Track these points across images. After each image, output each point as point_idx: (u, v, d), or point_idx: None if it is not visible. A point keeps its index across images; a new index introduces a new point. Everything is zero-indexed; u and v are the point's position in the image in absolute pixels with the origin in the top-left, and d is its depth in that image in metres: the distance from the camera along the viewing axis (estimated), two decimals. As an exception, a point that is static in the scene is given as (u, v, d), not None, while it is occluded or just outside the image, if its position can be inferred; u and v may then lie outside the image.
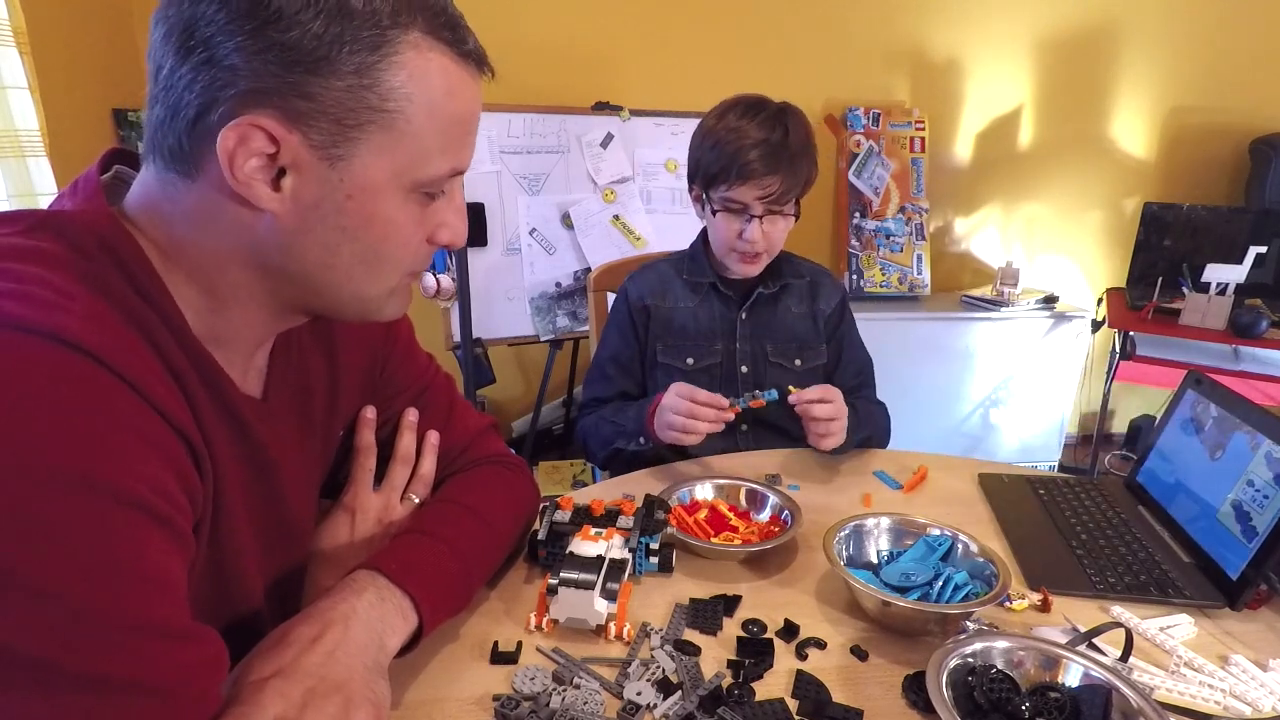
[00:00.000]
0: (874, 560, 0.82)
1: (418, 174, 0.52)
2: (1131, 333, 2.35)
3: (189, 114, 0.47)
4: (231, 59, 0.45)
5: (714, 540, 0.86)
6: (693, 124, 1.18)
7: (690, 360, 1.23)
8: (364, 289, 0.55)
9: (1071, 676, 0.62)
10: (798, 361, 1.24)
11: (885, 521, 0.84)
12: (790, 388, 1.05)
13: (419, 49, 0.49)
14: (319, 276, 0.53)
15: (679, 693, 0.63)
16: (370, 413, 0.75)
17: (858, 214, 2.61)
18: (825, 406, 1.03)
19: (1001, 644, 0.64)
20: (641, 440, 1.11)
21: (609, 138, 2.17)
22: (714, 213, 1.15)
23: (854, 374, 1.28)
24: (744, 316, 1.24)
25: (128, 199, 0.52)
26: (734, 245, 1.15)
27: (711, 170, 1.12)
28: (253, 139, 0.46)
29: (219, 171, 0.47)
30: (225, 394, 0.54)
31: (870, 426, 1.16)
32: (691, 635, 0.72)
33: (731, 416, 1.02)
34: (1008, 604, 0.77)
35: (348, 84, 0.47)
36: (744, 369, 1.25)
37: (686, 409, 1.01)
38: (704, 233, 1.25)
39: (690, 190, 1.22)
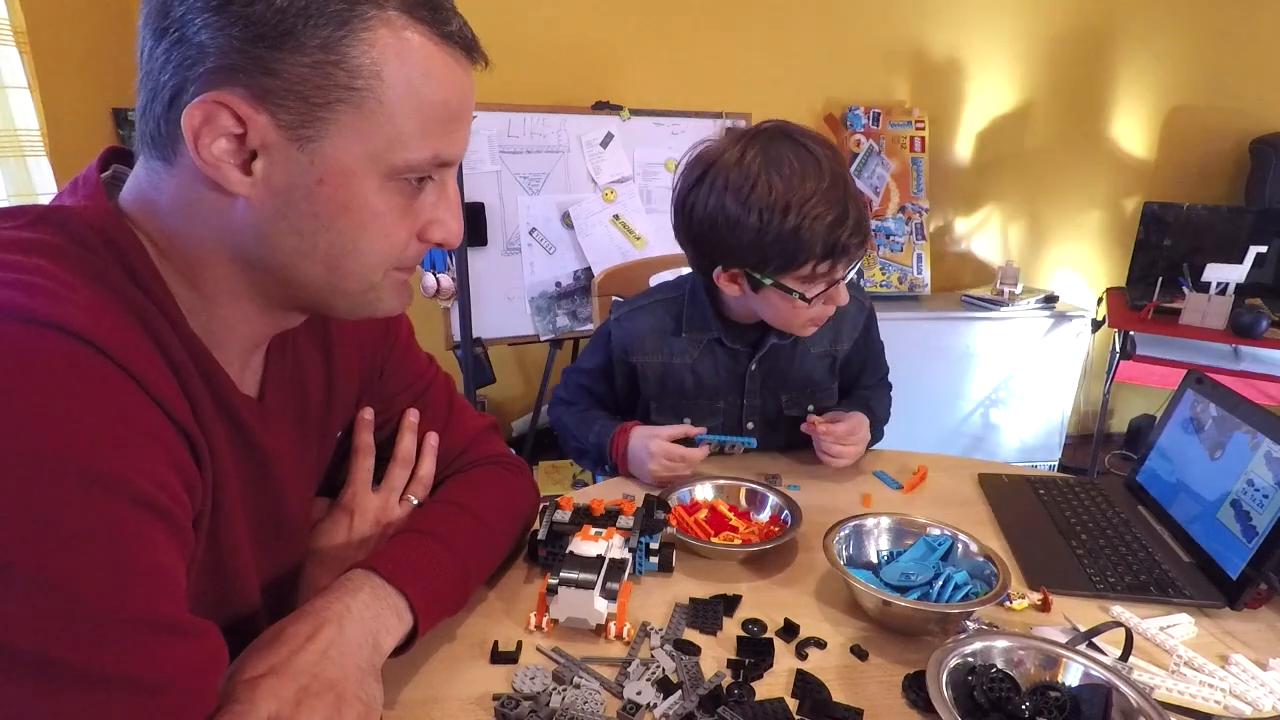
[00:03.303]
0: (874, 560, 0.82)
1: (394, 159, 0.50)
2: (1131, 332, 2.35)
3: (165, 96, 0.46)
4: (200, 36, 0.44)
5: (714, 540, 0.86)
6: (693, 123, 1.09)
7: (688, 420, 1.09)
8: (346, 282, 0.54)
9: (1071, 676, 0.62)
10: (810, 407, 1.13)
11: (885, 521, 0.84)
12: (811, 417, 1.04)
13: (393, 27, 0.47)
14: (298, 267, 0.52)
15: (679, 692, 0.63)
16: (368, 414, 0.75)
17: (858, 214, 2.61)
18: (844, 448, 1.03)
19: (1001, 644, 0.64)
20: (607, 469, 1.08)
21: (609, 137, 2.17)
22: (797, 295, 0.95)
23: (874, 371, 1.24)
24: (754, 368, 1.10)
25: (122, 194, 0.52)
26: (818, 316, 1.00)
27: (797, 258, 0.92)
28: (218, 117, 0.45)
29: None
30: (223, 391, 0.54)
31: (878, 430, 1.15)
32: (691, 635, 0.72)
33: (705, 455, 1.02)
34: (1008, 604, 0.77)
35: (314, 60, 0.46)
36: (750, 425, 1.13)
37: (668, 468, 1.00)
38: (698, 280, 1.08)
39: (717, 273, 0.98)
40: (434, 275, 1.99)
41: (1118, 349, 2.39)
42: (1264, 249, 2.22)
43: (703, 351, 1.09)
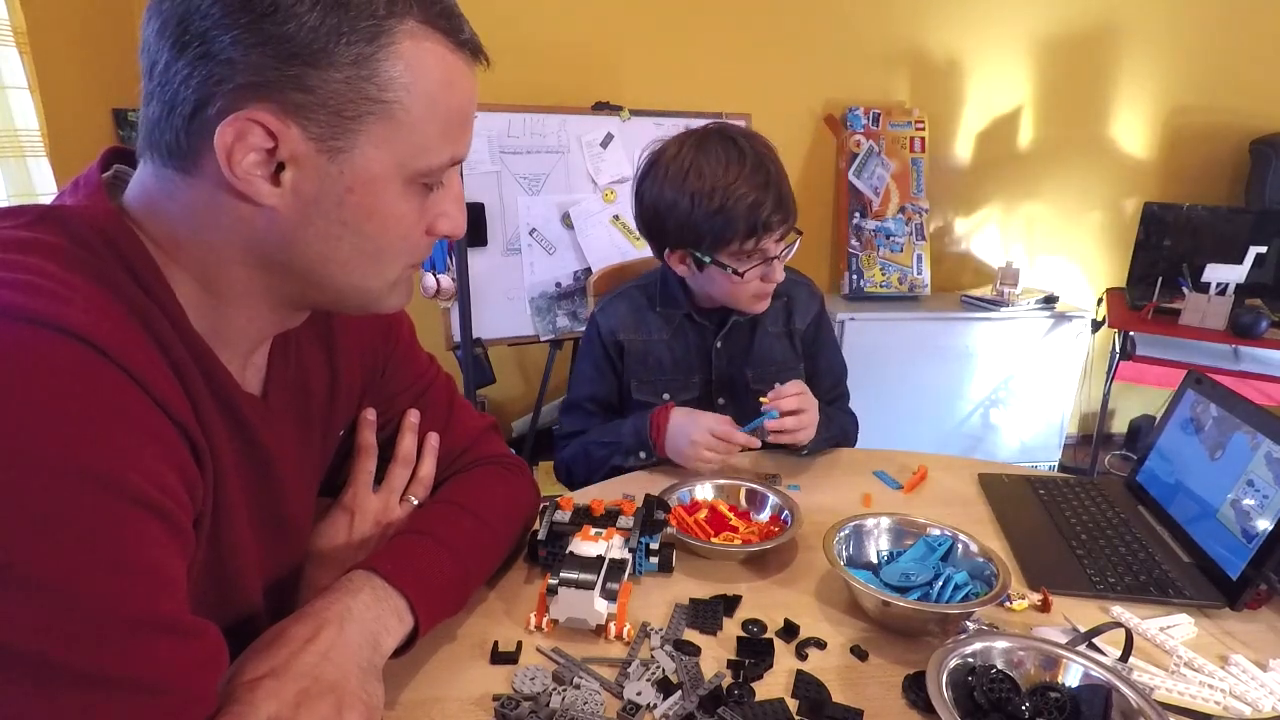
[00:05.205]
0: (874, 560, 0.82)
1: (418, 164, 0.52)
2: (1131, 333, 2.35)
3: (185, 109, 0.46)
4: (228, 53, 0.44)
5: (714, 540, 0.86)
6: (693, 124, 1.13)
7: (667, 396, 1.19)
8: (365, 281, 0.55)
9: (1071, 676, 0.62)
10: (777, 385, 1.19)
11: (885, 521, 0.84)
12: (762, 402, 1.05)
13: (415, 38, 0.49)
14: (320, 270, 0.53)
15: (679, 693, 0.63)
16: (371, 414, 0.75)
17: (858, 214, 2.61)
18: (799, 416, 1.04)
19: (1001, 644, 0.64)
20: (643, 455, 1.09)
21: (609, 138, 2.17)
22: (730, 270, 1.07)
23: (830, 386, 1.28)
24: (719, 345, 1.19)
25: (126, 196, 0.52)
26: (758, 292, 1.11)
27: (724, 235, 1.03)
28: (251, 134, 0.46)
29: (217, 167, 0.46)
30: (225, 390, 0.54)
31: (837, 428, 1.17)
32: (691, 635, 0.72)
33: (758, 444, 1.03)
34: (1008, 604, 0.77)
35: (346, 75, 0.47)
36: (720, 400, 1.21)
37: (724, 449, 1.02)
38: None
39: (667, 254, 1.12)
40: (434, 275, 1.99)
41: (1118, 349, 2.39)
42: (1264, 249, 2.22)
43: (676, 330, 1.20)
